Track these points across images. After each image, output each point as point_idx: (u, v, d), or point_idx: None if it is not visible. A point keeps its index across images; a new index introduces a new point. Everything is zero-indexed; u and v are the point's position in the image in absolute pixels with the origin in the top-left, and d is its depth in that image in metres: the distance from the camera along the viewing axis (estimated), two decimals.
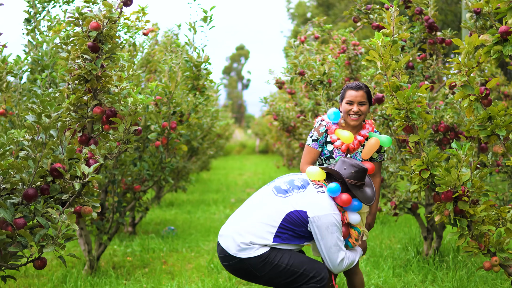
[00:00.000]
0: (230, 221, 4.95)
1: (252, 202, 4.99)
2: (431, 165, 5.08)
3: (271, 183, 5.11)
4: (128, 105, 4.85)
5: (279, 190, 4.91)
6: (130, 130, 4.94)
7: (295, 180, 5.01)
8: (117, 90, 4.92)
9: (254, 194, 5.08)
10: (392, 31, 5.34)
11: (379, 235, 9.71)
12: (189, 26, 8.43)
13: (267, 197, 4.92)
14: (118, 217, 8.03)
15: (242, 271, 4.79)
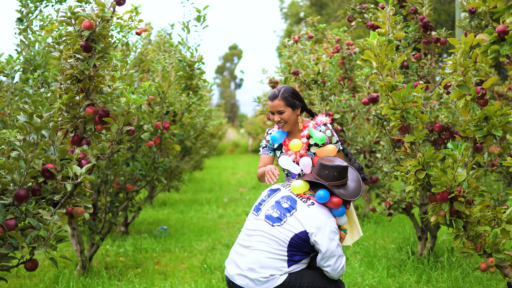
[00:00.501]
0: (236, 258, 4.81)
1: (252, 236, 4.81)
2: (426, 166, 5.04)
3: (258, 212, 4.92)
4: (121, 105, 4.80)
5: (273, 220, 4.76)
6: (123, 130, 4.89)
7: (281, 202, 4.86)
8: (110, 90, 4.87)
9: (249, 227, 4.90)
10: (387, 31, 5.31)
11: (372, 235, 9.67)
12: (182, 25, 8.38)
13: (265, 228, 4.76)
14: (111, 217, 7.98)
15: None
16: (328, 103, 7.77)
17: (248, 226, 4.89)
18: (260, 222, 4.80)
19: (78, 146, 4.89)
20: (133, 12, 8.08)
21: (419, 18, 7.77)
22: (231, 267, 4.78)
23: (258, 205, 4.98)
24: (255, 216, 4.90)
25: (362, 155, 7.54)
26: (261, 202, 4.98)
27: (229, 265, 4.82)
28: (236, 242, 4.97)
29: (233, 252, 4.88)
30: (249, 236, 4.81)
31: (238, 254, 4.80)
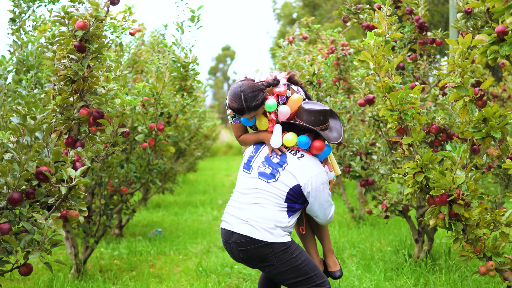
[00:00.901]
0: (235, 211, 4.83)
1: (248, 194, 4.83)
2: (425, 168, 4.99)
3: (250, 170, 4.92)
4: (115, 107, 4.72)
5: (267, 176, 4.79)
6: (118, 132, 4.83)
7: (271, 157, 4.87)
8: (104, 91, 4.79)
9: (243, 186, 4.91)
10: (384, 31, 5.25)
11: (369, 237, 9.62)
12: (176, 26, 8.32)
13: (260, 185, 4.78)
14: (105, 220, 7.90)
15: (260, 258, 4.69)
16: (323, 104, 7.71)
17: (242, 185, 4.92)
18: (254, 180, 4.83)
19: (72, 148, 4.82)
20: (127, 12, 8.02)
21: (415, 19, 7.73)
22: (230, 218, 4.81)
23: (248, 162, 4.98)
24: (247, 174, 4.91)
25: (358, 157, 7.47)
26: (250, 159, 4.98)
27: (228, 218, 4.84)
28: (231, 200, 4.98)
29: (230, 208, 4.91)
30: (245, 195, 4.84)
31: (236, 208, 4.84)
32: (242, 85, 4.71)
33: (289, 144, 4.84)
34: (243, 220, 4.70)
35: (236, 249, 4.74)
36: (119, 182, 8.01)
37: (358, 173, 7.45)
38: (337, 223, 11.15)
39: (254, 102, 4.69)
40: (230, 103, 4.73)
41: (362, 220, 11.21)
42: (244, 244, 4.68)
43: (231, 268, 7.70)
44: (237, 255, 4.77)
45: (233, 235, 4.73)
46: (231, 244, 4.75)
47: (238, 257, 4.80)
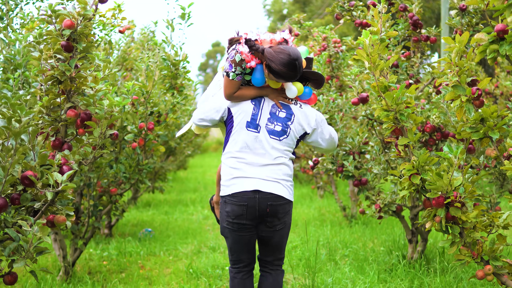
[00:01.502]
0: (256, 171, 4.74)
1: (263, 151, 4.77)
2: (421, 170, 4.88)
3: (258, 128, 4.78)
4: (103, 108, 4.57)
5: (279, 134, 4.79)
6: (106, 135, 4.67)
7: (276, 113, 4.82)
8: (92, 92, 4.63)
9: (254, 146, 4.77)
10: (380, 29, 5.13)
11: (361, 237, 9.52)
12: (166, 23, 8.18)
13: (274, 144, 4.77)
14: (94, 221, 7.76)
15: (283, 213, 4.81)
16: (316, 103, 7.58)
17: (254, 144, 4.78)
18: (266, 139, 4.77)
19: (59, 151, 4.67)
20: (116, 9, 7.86)
21: (409, 16, 7.62)
22: (252, 181, 4.71)
23: (253, 120, 4.80)
24: (255, 133, 4.78)
25: (351, 157, 7.35)
26: (254, 116, 4.81)
27: (248, 180, 4.72)
28: (242, 162, 4.78)
29: (248, 169, 4.76)
30: (262, 155, 4.76)
31: (256, 168, 4.75)
32: (293, 52, 4.57)
33: (299, 93, 4.86)
34: (273, 179, 4.74)
35: (265, 203, 4.69)
36: (108, 183, 7.87)
37: (351, 173, 7.33)
38: (329, 222, 11.05)
39: (302, 68, 4.66)
40: (282, 68, 4.50)
41: (354, 219, 11.11)
42: (275, 199, 4.72)
43: (222, 270, 7.58)
44: (264, 209, 4.70)
45: (259, 193, 4.69)
46: (258, 198, 4.68)
47: (264, 211, 4.72)
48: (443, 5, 20.23)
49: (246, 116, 4.80)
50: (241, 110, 4.83)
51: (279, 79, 4.61)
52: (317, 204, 13.58)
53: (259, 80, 4.76)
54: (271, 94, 4.86)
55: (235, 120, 4.83)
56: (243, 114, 4.81)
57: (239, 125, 4.80)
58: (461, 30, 7.42)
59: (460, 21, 7.33)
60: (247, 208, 4.67)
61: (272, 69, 4.55)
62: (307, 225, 10.67)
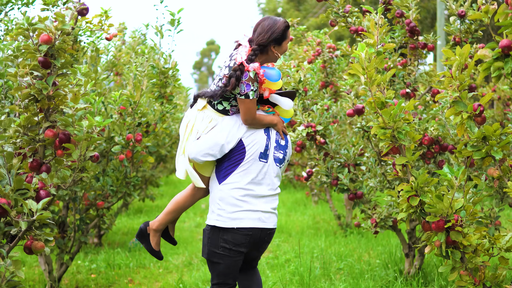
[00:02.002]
0: (264, 205, 4.76)
1: (268, 181, 4.76)
2: (420, 191, 4.62)
3: (267, 158, 4.74)
4: (82, 130, 4.25)
5: (280, 160, 4.85)
6: (86, 157, 4.38)
7: (279, 140, 4.86)
8: (71, 112, 4.32)
9: (258, 173, 4.71)
10: (376, 41, 4.86)
11: (356, 248, 9.28)
12: (155, 30, 7.92)
13: (276, 170, 4.82)
14: (81, 236, 7.50)
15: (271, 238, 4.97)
16: (310, 113, 7.33)
17: (263, 176, 4.74)
18: (272, 170, 4.78)
19: (37, 173, 4.39)
20: (103, 16, 7.60)
21: (406, 22, 7.35)
22: (258, 215, 4.72)
23: (265, 150, 4.74)
24: (263, 163, 4.72)
25: (346, 169, 7.09)
26: (267, 147, 4.75)
27: (254, 214, 4.70)
28: (250, 196, 4.69)
29: (254, 199, 4.72)
30: (267, 185, 4.76)
31: (260, 200, 4.75)
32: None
33: (291, 115, 5.01)
34: (273, 210, 4.84)
35: (265, 233, 4.77)
36: (94, 196, 7.60)
37: (347, 186, 7.07)
38: (324, 231, 10.82)
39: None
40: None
41: (349, 228, 10.87)
42: (272, 229, 4.88)
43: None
44: (263, 237, 4.78)
45: (260, 232, 4.74)
46: (261, 230, 4.74)
47: (263, 239, 4.79)
48: (439, 7, 20.02)
49: (261, 147, 4.73)
50: (255, 141, 4.72)
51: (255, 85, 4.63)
52: (312, 211, 13.34)
53: (276, 75, 4.78)
54: (280, 122, 4.88)
55: (247, 151, 4.69)
56: (257, 146, 4.72)
57: (253, 156, 4.69)
58: (459, 37, 7.20)
59: (459, 27, 7.13)
60: (251, 238, 4.68)
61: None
62: (301, 235, 10.44)
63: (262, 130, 4.74)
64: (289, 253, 9.09)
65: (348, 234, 10.45)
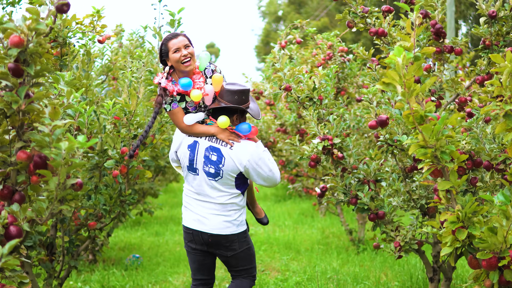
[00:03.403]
0: (199, 207, 5.32)
1: (204, 190, 5.28)
2: (468, 222, 3.86)
3: (197, 171, 5.26)
4: (60, 153, 3.40)
5: (213, 175, 5.21)
6: (66, 185, 3.56)
7: (208, 156, 5.21)
8: (47, 130, 3.45)
9: (195, 188, 5.32)
10: (413, 45, 4.09)
11: (371, 268, 8.55)
12: (153, 31, 7.17)
13: (211, 184, 5.24)
14: (70, 259, 6.72)
15: (226, 243, 5.34)
16: (326, 124, 6.58)
17: (195, 187, 5.32)
18: (203, 181, 5.25)
19: (8, 203, 3.61)
20: (95, 16, 6.86)
21: (431, 24, 6.62)
22: (195, 217, 5.32)
23: (190, 164, 5.28)
24: (193, 175, 5.29)
25: (366, 186, 6.33)
26: (191, 161, 5.27)
27: (192, 215, 5.34)
28: (189, 203, 5.39)
29: (194, 201, 5.35)
30: (203, 194, 5.29)
31: (197, 203, 5.32)
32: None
33: (223, 126, 5.17)
34: (214, 215, 5.26)
35: (206, 236, 5.30)
36: (86, 215, 6.82)
37: (367, 206, 6.31)
38: (335, 247, 10.08)
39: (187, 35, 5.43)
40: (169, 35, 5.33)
41: (361, 244, 10.12)
42: (213, 234, 5.30)
43: None
44: (206, 239, 5.29)
45: (206, 234, 5.30)
46: (200, 231, 5.30)
47: (207, 241, 5.31)
48: (449, 9, 19.31)
49: (186, 161, 5.31)
50: (182, 154, 5.35)
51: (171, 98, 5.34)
52: (320, 223, 12.62)
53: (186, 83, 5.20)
54: (219, 133, 5.24)
55: (181, 163, 5.40)
56: (184, 159, 5.34)
57: (184, 168, 5.38)
58: (489, 40, 6.52)
59: (489, 29, 6.45)
60: (193, 236, 5.33)
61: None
62: (310, 253, 9.72)
63: (186, 146, 5.31)
64: (299, 274, 8.37)
65: (361, 251, 9.74)
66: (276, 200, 16.92)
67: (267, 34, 50.46)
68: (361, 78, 9.75)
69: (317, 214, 13.95)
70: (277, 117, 10.96)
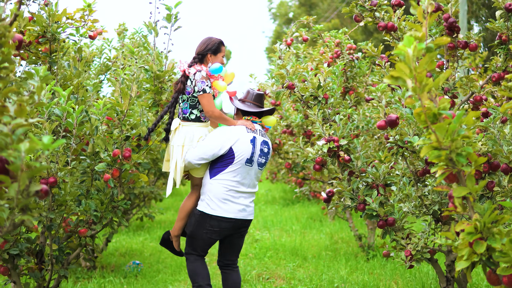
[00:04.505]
0: (247, 201, 6.03)
1: (251, 182, 6.03)
2: (487, 233, 3.43)
3: (252, 163, 5.95)
4: (20, 155, 2.93)
5: (262, 165, 6.08)
6: (30, 192, 3.12)
7: (263, 149, 6.04)
8: (7, 130, 2.98)
9: (245, 175, 5.94)
10: (425, 35, 3.65)
11: (381, 276, 8.13)
12: (149, 27, 6.77)
13: (257, 173, 6.08)
14: (60, 268, 6.32)
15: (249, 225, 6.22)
16: (331, 125, 6.16)
17: (246, 178, 5.97)
18: (254, 171, 6.00)
19: None
20: (86, 10, 6.47)
21: (444, 18, 6.20)
22: (240, 208, 5.96)
23: (251, 156, 5.91)
24: (249, 167, 5.93)
25: (375, 191, 5.91)
26: (252, 154, 5.92)
27: (237, 207, 5.94)
28: (238, 192, 5.95)
29: (243, 199, 6.00)
30: (248, 186, 6.00)
31: (247, 198, 6.04)
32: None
33: (272, 124, 6.24)
34: (251, 204, 6.09)
35: (243, 222, 6.04)
36: (76, 222, 6.40)
37: (376, 212, 5.89)
38: (343, 254, 9.67)
39: None
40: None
41: (371, 250, 9.70)
42: (250, 220, 6.14)
43: None
44: (243, 223, 6.05)
45: (246, 221, 6.07)
46: (241, 220, 5.99)
47: (242, 225, 6.07)
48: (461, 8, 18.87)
49: (247, 154, 5.88)
50: (243, 149, 5.86)
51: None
52: (329, 228, 12.21)
53: (217, 66, 6.10)
54: (247, 124, 6.05)
55: (236, 157, 5.84)
56: (244, 153, 5.86)
57: (240, 161, 5.86)
58: (506, 35, 6.11)
59: (506, 24, 6.05)
60: (233, 224, 5.94)
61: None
62: (317, 259, 9.32)
63: (248, 141, 5.87)
64: (305, 282, 7.98)
65: (370, 257, 9.33)
66: (285, 203, 16.54)
67: (277, 36, 50.27)
68: (371, 77, 9.33)
69: (326, 219, 13.55)
70: (283, 118, 10.55)
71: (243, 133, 5.84)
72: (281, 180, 15.69)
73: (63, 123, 5.67)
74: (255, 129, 5.98)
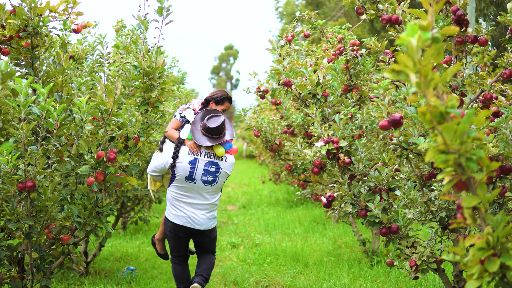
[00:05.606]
0: (198, 212, 6.61)
1: (201, 195, 6.59)
2: (501, 249, 3.00)
3: (194, 180, 6.52)
4: None
5: (210, 182, 6.57)
6: None
7: (208, 168, 6.56)
8: None
9: (191, 193, 6.57)
10: (431, 23, 3.21)
11: (385, 283, 7.75)
12: (137, 20, 6.38)
13: (207, 189, 6.58)
14: (42, 278, 5.92)
15: (207, 232, 6.80)
16: (331, 125, 5.76)
17: (191, 193, 6.57)
18: (198, 187, 6.52)
19: None
20: (70, 2, 6.09)
21: (451, 10, 5.79)
22: (196, 220, 6.58)
23: (190, 174, 6.48)
24: (192, 183, 6.51)
25: (377, 196, 5.49)
26: (191, 173, 6.48)
27: (190, 221, 6.56)
28: (187, 204, 6.57)
29: (192, 210, 6.58)
30: (198, 199, 6.58)
31: (198, 210, 6.59)
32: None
33: (222, 154, 6.59)
34: (203, 215, 6.60)
35: (202, 233, 6.70)
36: (59, 228, 6.00)
37: (378, 219, 5.48)
38: (346, 260, 9.27)
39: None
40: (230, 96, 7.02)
41: (376, 256, 9.29)
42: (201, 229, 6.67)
43: None
44: (194, 231, 6.64)
45: (201, 231, 6.66)
46: (194, 232, 6.65)
47: (194, 232, 6.66)
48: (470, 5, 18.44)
49: (185, 173, 6.49)
50: (181, 168, 6.51)
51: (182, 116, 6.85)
52: (332, 232, 11.80)
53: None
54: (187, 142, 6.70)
55: (176, 174, 6.53)
56: (182, 172, 6.50)
57: (180, 178, 6.51)
58: None
59: None
60: (183, 230, 6.58)
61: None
62: (319, 265, 8.91)
63: (187, 162, 6.48)
64: None
65: (375, 264, 8.94)
66: (288, 205, 16.19)
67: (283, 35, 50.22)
68: (375, 75, 8.92)
69: (330, 222, 13.16)
70: (283, 117, 10.14)
71: (183, 154, 6.51)
72: (285, 182, 15.30)
73: (42, 122, 5.29)
74: (199, 151, 6.52)
